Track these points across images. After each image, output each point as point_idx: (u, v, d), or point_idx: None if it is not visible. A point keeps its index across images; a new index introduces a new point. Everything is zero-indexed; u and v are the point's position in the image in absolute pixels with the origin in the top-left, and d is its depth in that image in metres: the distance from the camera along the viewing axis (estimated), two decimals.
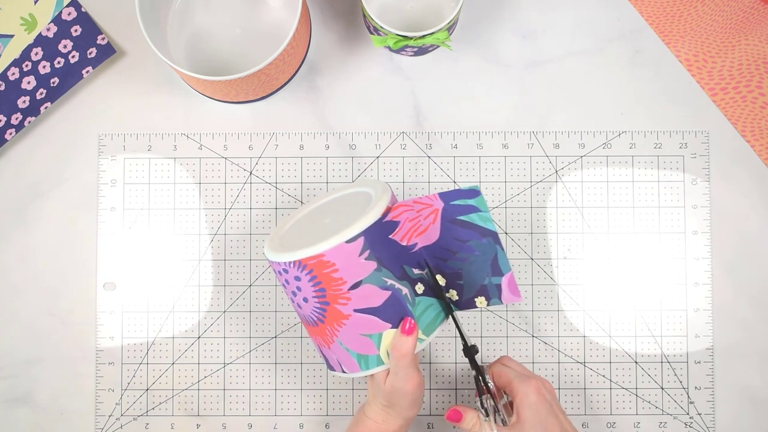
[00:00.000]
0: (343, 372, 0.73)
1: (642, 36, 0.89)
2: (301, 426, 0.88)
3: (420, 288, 0.71)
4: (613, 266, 0.88)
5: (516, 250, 0.88)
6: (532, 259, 0.88)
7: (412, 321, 0.69)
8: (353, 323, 0.70)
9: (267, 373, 0.88)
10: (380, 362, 0.71)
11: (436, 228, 0.71)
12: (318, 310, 0.70)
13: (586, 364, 0.87)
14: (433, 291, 0.73)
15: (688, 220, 0.88)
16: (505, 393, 0.74)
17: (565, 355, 0.87)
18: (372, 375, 0.73)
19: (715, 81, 0.89)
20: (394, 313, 0.69)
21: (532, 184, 0.88)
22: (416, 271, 0.71)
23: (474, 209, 0.70)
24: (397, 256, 0.70)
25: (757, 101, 0.88)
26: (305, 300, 0.71)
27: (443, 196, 0.70)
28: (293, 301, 0.73)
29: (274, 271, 0.73)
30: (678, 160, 0.88)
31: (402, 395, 0.71)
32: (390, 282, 0.69)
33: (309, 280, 0.69)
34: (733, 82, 0.88)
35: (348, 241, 0.67)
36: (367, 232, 0.68)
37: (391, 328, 0.70)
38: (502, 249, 0.71)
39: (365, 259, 0.68)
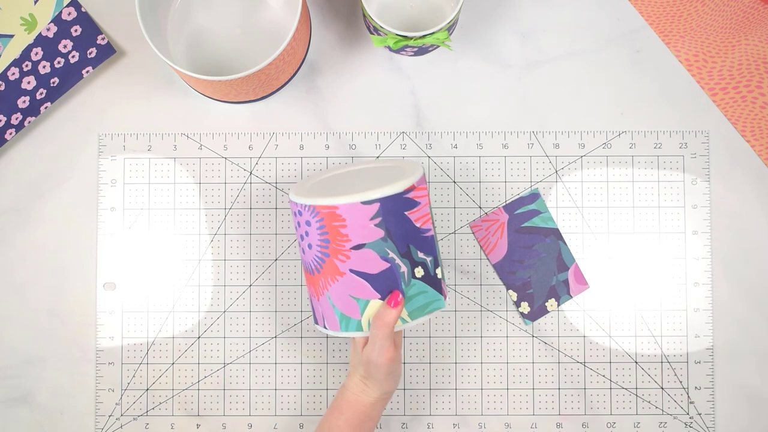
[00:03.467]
0: (325, 327, 0.75)
1: (642, 36, 0.89)
2: (301, 426, 0.88)
3: (419, 272, 0.72)
4: (613, 266, 0.88)
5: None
6: None
7: (401, 296, 0.71)
8: (346, 282, 0.72)
9: (267, 373, 0.88)
10: (360, 328, 0.73)
11: (504, 242, 0.75)
12: (318, 259, 0.73)
13: (586, 364, 0.87)
14: (432, 282, 0.74)
15: (688, 220, 0.88)
16: None
17: (565, 355, 0.87)
18: (353, 344, 0.75)
19: (715, 81, 0.89)
20: (386, 285, 0.71)
21: (532, 184, 0.88)
22: (421, 255, 0.72)
23: (536, 213, 0.74)
24: (407, 234, 0.71)
25: (757, 101, 0.88)
26: (309, 246, 0.73)
27: (507, 208, 0.73)
28: (300, 245, 0.76)
29: (292, 211, 0.76)
30: (678, 160, 0.88)
31: (376, 367, 0.73)
32: (392, 255, 0.71)
33: (318, 228, 0.72)
34: (733, 82, 0.88)
35: (363, 203, 0.70)
36: (384, 201, 0.70)
37: (380, 299, 0.71)
38: (565, 243, 0.73)
39: (375, 225, 0.70)
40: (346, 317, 0.73)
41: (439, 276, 0.74)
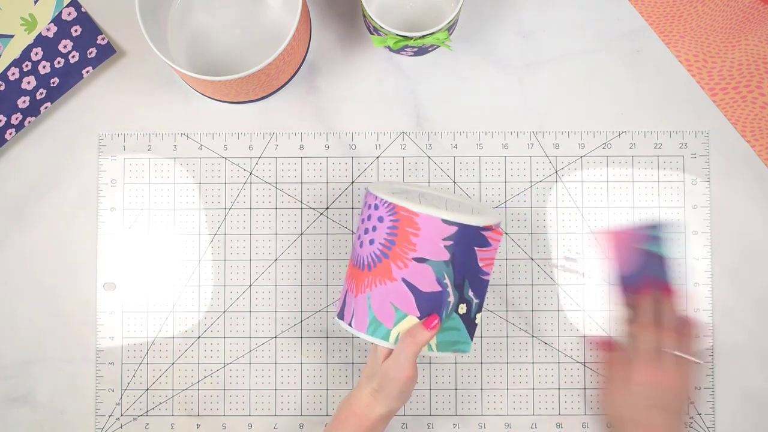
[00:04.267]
0: (350, 325, 0.74)
1: (642, 36, 0.89)
2: (301, 426, 0.88)
3: (463, 309, 0.73)
4: (613, 266, 0.88)
5: (516, 250, 0.88)
6: (532, 259, 0.88)
7: (438, 322, 0.71)
8: (393, 289, 0.71)
9: (267, 373, 0.88)
10: (386, 338, 0.72)
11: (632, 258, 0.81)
12: (374, 257, 0.72)
13: (586, 364, 0.87)
14: (468, 324, 0.74)
15: (688, 220, 0.88)
16: None
17: (565, 355, 0.87)
18: (373, 354, 0.74)
19: (715, 81, 0.89)
20: (429, 307, 0.71)
21: (532, 184, 0.88)
22: (470, 294, 0.73)
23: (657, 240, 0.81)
24: (468, 268, 0.72)
25: (757, 101, 0.88)
26: (371, 242, 0.72)
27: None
28: (359, 237, 0.74)
29: (365, 203, 0.75)
30: (678, 160, 0.88)
31: (393, 382, 0.72)
32: (446, 281, 0.71)
33: (389, 227, 0.71)
34: (733, 82, 0.88)
35: (444, 221, 0.70)
36: (463, 228, 0.70)
37: (417, 318, 0.71)
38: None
39: (444, 246, 0.70)
40: (378, 322, 0.72)
41: (477, 321, 0.74)
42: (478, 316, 0.74)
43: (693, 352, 0.76)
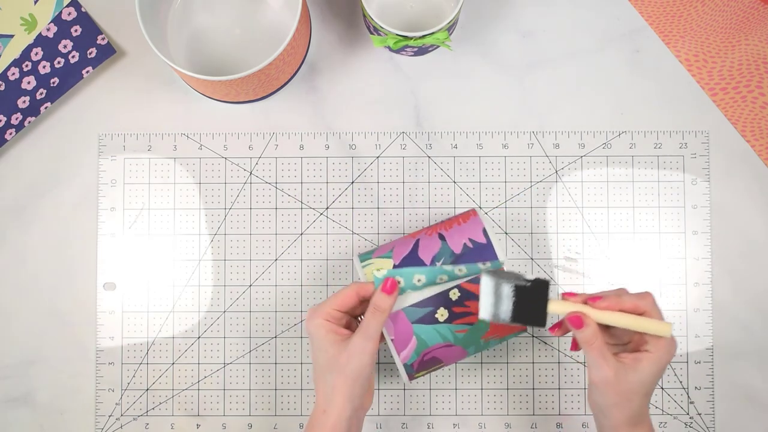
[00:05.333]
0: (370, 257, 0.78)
1: (642, 36, 0.89)
2: (301, 426, 0.88)
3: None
4: (613, 266, 0.88)
5: (516, 250, 0.88)
6: (532, 259, 0.88)
7: (394, 284, 0.72)
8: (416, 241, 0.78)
9: (267, 373, 0.88)
10: (364, 261, 0.77)
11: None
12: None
13: (585, 364, 0.87)
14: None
15: (688, 220, 0.88)
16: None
17: (565, 355, 0.87)
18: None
19: (715, 81, 0.89)
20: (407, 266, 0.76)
21: (532, 184, 0.88)
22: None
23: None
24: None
25: (757, 101, 0.88)
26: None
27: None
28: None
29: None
30: (678, 160, 0.88)
31: (355, 357, 0.70)
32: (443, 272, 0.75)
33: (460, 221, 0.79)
34: (733, 82, 0.88)
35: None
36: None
37: (393, 265, 0.76)
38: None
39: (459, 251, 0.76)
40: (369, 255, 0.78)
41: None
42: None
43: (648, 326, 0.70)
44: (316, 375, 0.74)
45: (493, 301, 0.69)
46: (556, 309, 0.69)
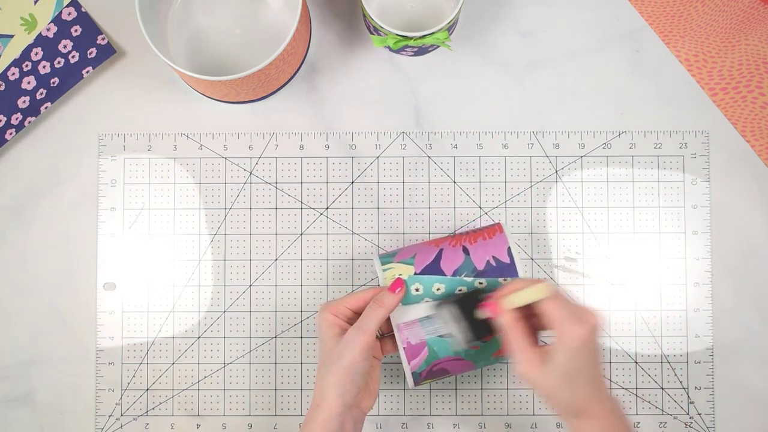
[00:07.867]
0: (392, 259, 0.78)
1: (642, 36, 0.89)
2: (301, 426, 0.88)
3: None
4: (613, 266, 0.88)
5: (516, 250, 0.88)
6: (532, 259, 0.88)
7: (403, 288, 0.74)
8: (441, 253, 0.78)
9: (267, 373, 0.88)
10: (385, 265, 0.77)
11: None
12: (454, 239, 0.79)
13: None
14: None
15: (688, 220, 0.88)
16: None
17: None
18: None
19: (715, 81, 0.89)
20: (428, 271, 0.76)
21: (532, 184, 0.88)
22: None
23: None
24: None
25: (757, 101, 0.88)
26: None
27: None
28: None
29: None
30: (678, 160, 0.88)
31: (348, 345, 0.70)
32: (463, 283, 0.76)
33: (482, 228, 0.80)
34: (733, 82, 0.88)
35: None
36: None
37: (413, 273, 0.76)
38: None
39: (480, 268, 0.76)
40: (391, 258, 0.78)
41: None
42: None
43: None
44: (317, 370, 0.75)
45: (461, 328, 0.73)
46: (482, 313, 0.72)
